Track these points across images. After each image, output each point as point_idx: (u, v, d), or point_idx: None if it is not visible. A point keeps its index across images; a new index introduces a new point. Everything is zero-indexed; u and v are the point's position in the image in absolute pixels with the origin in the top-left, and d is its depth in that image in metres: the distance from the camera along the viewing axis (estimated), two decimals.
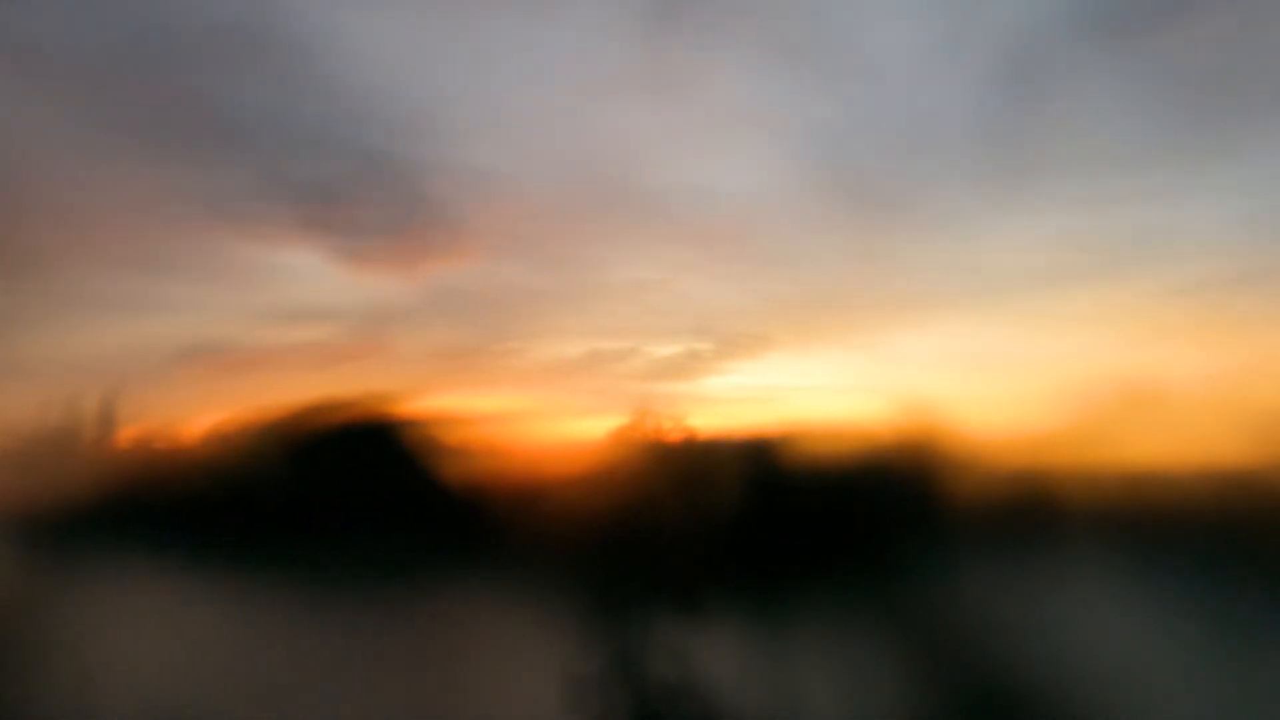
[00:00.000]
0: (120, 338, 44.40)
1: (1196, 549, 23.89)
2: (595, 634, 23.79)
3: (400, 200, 50.05)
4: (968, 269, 50.05)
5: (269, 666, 23.69)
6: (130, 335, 44.56)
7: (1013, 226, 50.84)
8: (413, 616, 26.49)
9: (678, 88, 53.38)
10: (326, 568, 28.25)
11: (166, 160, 45.31)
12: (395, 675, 23.48)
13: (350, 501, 30.14)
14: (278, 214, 47.57)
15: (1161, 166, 46.65)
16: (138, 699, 21.38)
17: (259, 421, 33.75)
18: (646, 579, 26.03)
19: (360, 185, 49.46)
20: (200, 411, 39.04)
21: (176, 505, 31.17)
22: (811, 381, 48.87)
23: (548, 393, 45.44)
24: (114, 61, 43.38)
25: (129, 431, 35.68)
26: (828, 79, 53.87)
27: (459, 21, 52.53)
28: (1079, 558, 24.87)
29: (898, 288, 47.93)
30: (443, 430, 32.97)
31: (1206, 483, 24.56)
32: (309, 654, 24.57)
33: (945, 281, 49.47)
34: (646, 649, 23.57)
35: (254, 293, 49.36)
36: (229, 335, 44.38)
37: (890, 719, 21.22)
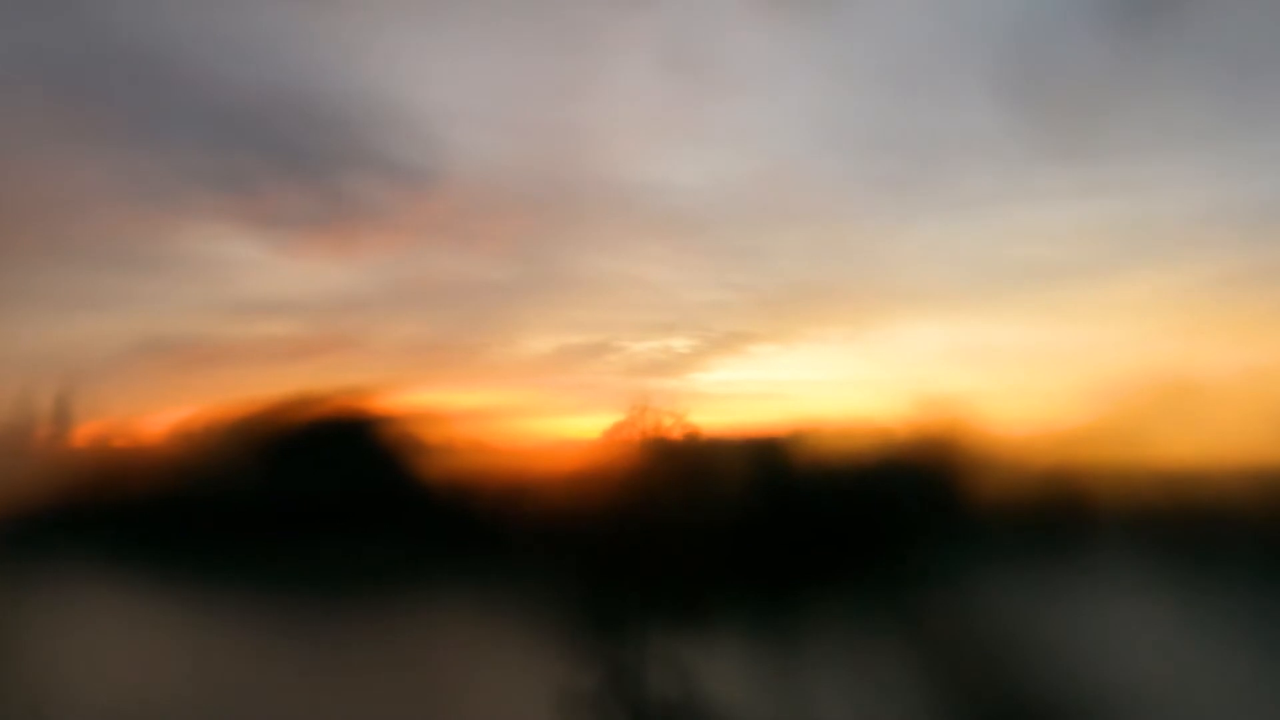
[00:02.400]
0: (72, 333, 43.12)
1: (1231, 548, 22.84)
2: (589, 644, 21.94)
3: (341, 190, 49.39)
4: (978, 261, 48.89)
5: (236, 675, 21.92)
6: (83, 330, 43.36)
7: (1028, 217, 49.71)
8: (391, 625, 24.89)
9: (626, 85, 52.85)
10: (298, 571, 26.68)
11: (103, 155, 44.35)
12: (371, 689, 21.71)
13: (322, 501, 28.50)
14: (222, 204, 46.57)
15: (1183, 152, 45.77)
16: (96, 708, 19.73)
17: (224, 418, 32.35)
18: (644, 584, 24.35)
19: (300, 175, 48.78)
20: (160, 408, 37.58)
21: (137, 505, 29.78)
22: (812, 377, 47.64)
23: (528, 389, 44.15)
24: (55, 63, 42.36)
25: (86, 429, 34.37)
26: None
27: (411, 23, 51.98)
28: (1109, 559, 23.55)
29: (899, 280, 46.84)
30: (419, 426, 31.56)
31: (1242, 480, 23.40)
32: (279, 663, 22.83)
33: (954, 274, 48.32)
34: (644, 660, 21.72)
35: (207, 285, 48.50)
36: (186, 329, 43.37)
37: None
